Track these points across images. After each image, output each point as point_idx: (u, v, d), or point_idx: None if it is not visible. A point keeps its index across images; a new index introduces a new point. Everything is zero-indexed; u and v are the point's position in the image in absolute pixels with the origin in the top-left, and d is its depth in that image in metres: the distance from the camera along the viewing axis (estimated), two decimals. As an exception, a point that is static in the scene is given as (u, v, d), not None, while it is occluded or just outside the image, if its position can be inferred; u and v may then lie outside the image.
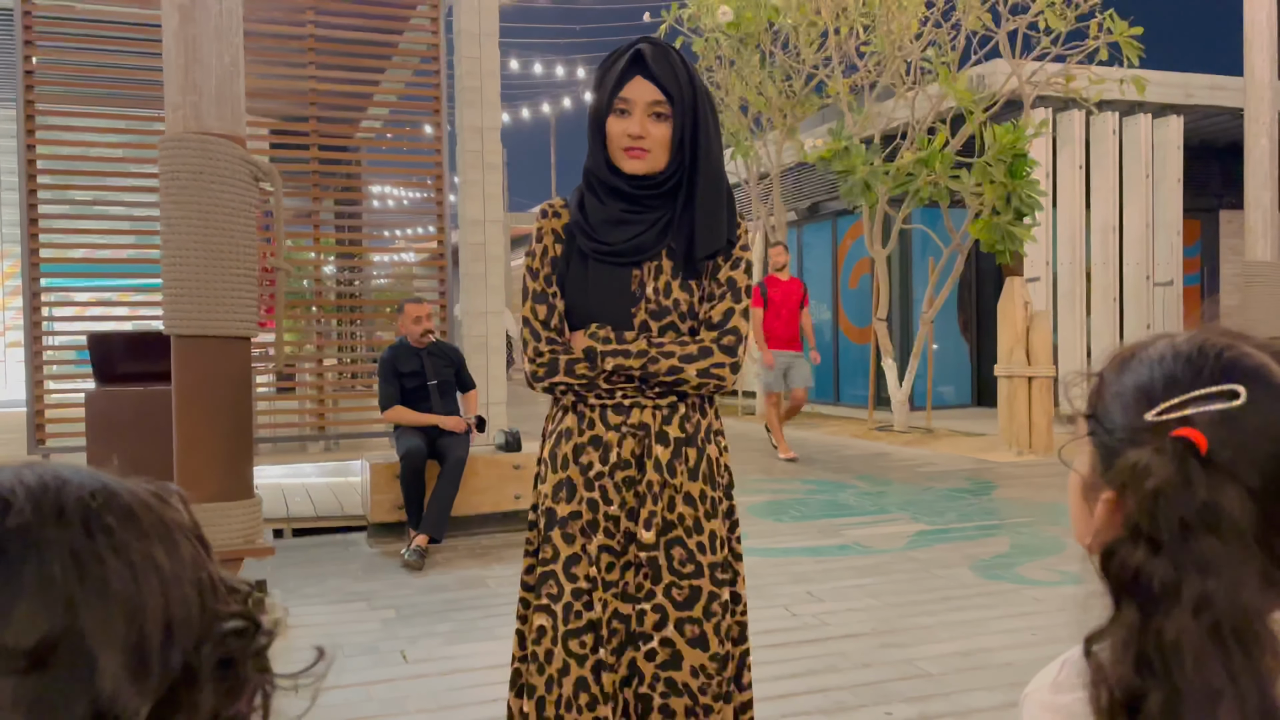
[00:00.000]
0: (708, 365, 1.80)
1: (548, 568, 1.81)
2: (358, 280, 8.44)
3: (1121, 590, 0.67)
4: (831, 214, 12.64)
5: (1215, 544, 0.65)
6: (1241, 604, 0.64)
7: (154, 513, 0.57)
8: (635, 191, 1.82)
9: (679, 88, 1.78)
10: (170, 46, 3.53)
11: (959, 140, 8.74)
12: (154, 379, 4.64)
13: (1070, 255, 10.10)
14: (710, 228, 1.82)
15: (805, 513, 5.76)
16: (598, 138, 1.82)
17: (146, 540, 0.55)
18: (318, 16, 6.79)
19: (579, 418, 1.83)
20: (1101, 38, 8.51)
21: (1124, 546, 0.67)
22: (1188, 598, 0.64)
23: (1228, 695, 0.63)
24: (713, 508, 1.82)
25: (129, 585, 0.52)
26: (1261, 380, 0.70)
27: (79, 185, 6.83)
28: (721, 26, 10.51)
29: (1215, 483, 0.66)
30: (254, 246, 3.70)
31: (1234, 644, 0.63)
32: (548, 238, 1.87)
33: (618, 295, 1.83)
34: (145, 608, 0.52)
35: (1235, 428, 0.68)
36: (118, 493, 0.56)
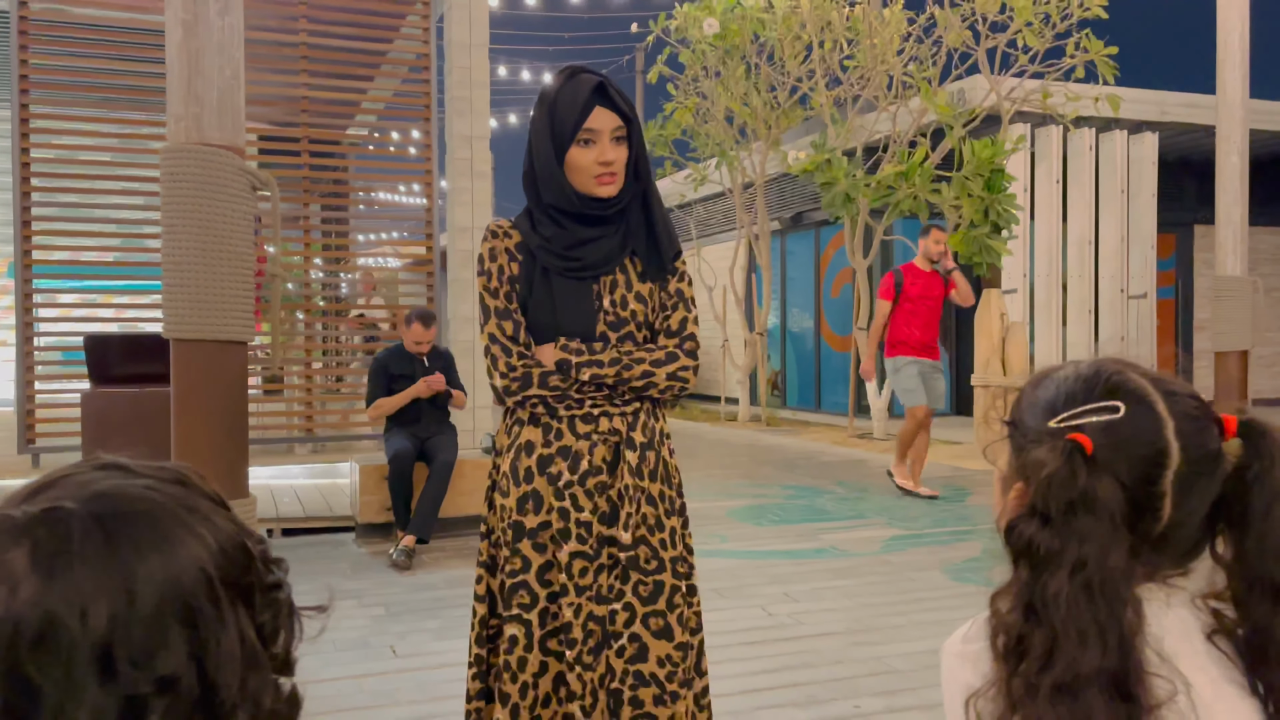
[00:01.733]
0: (675, 369, 1.92)
1: (517, 579, 1.87)
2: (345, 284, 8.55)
3: (1018, 556, 0.85)
4: (814, 224, 12.82)
5: (1090, 521, 0.82)
6: (1108, 567, 0.81)
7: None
8: (596, 212, 1.90)
9: (631, 112, 1.89)
10: (173, 59, 3.64)
11: (939, 154, 8.92)
12: (148, 380, 4.75)
13: (1047, 268, 10.31)
14: (669, 236, 1.97)
15: (784, 517, 5.91)
16: (559, 168, 1.87)
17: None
18: (310, 25, 6.90)
19: (544, 430, 1.90)
20: (1078, 56, 8.72)
21: (1022, 522, 0.85)
22: (1066, 561, 0.82)
23: (1093, 636, 0.80)
24: (670, 505, 1.94)
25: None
26: (1139, 399, 0.88)
27: (71, 189, 6.91)
28: (708, 38, 10.67)
29: (1095, 475, 0.84)
30: (251, 254, 3.82)
31: (1100, 597, 0.81)
32: (502, 257, 1.93)
33: (582, 307, 1.91)
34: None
35: (1114, 434, 0.87)
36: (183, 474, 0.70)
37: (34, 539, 0.62)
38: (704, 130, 11.41)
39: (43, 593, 0.60)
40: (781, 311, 13.65)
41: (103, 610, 0.61)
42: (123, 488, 0.66)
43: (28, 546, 0.62)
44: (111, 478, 0.67)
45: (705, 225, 14.50)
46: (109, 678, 0.60)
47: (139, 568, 0.62)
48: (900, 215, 9.19)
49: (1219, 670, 0.85)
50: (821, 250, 12.92)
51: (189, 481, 0.71)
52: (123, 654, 0.61)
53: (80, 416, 4.71)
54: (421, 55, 7.27)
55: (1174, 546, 0.88)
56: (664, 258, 1.95)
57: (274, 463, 7.43)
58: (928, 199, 8.64)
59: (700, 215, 14.50)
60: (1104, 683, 0.80)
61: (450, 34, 7.14)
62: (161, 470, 0.70)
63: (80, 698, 0.60)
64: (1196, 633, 0.87)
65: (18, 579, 0.61)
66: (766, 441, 10.09)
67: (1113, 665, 0.80)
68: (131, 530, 0.64)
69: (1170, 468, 0.86)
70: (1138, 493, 0.85)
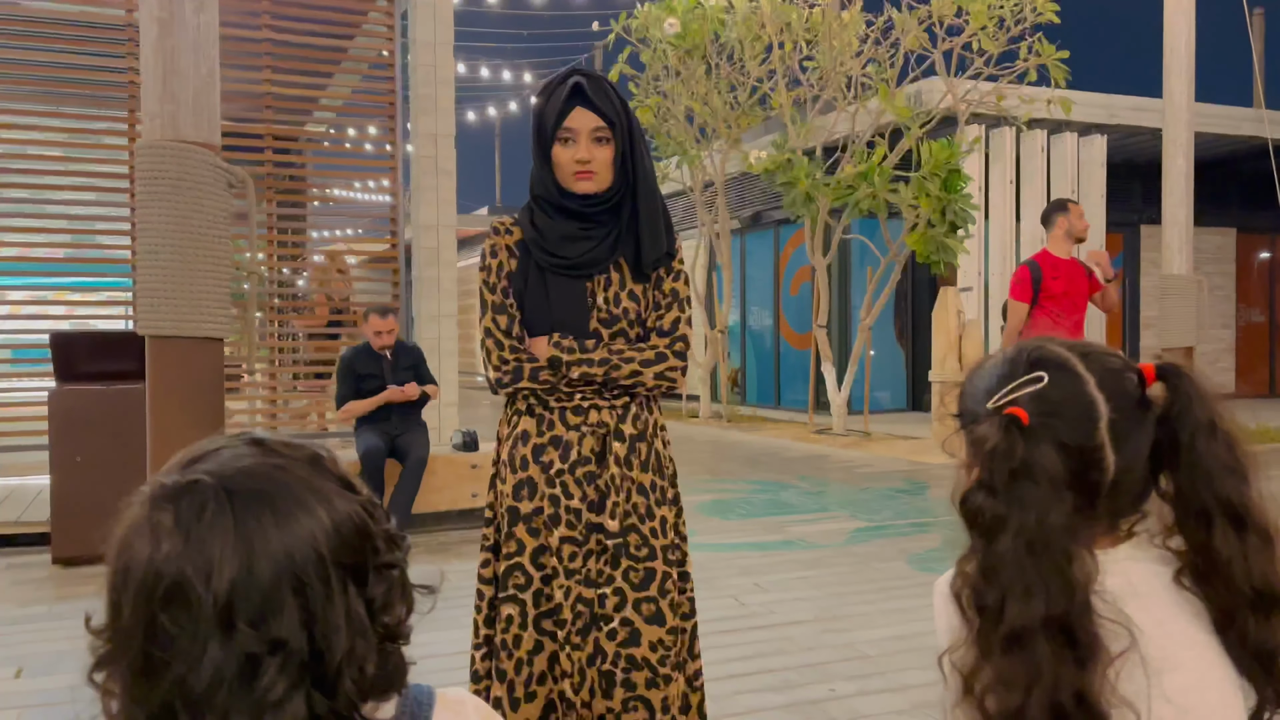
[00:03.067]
0: (663, 369, 2.00)
1: (513, 561, 1.96)
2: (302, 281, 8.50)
3: (971, 525, 0.95)
4: (774, 223, 12.97)
5: (1030, 486, 0.92)
6: (1048, 526, 0.91)
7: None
8: (585, 209, 1.99)
9: (616, 113, 1.96)
10: (148, 57, 3.64)
11: (896, 155, 9.09)
12: (117, 378, 4.72)
13: (1001, 266, 10.53)
14: (653, 237, 2.02)
15: (750, 511, 6.01)
16: (545, 165, 1.99)
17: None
18: (273, 20, 6.86)
19: (538, 420, 1.99)
20: (1031, 60, 8.93)
21: (972, 494, 0.95)
22: (1011, 525, 0.91)
23: (1036, 590, 0.89)
24: (662, 495, 2.01)
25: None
26: (1058, 365, 0.99)
27: (21, 184, 6.80)
28: (668, 38, 10.76)
29: (1033, 444, 0.94)
30: (228, 251, 3.82)
31: (1042, 554, 0.90)
32: (501, 253, 2.03)
33: (575, 305, 1.99)
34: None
35: (1045, 401, 0.97)
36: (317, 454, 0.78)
37: (178, 506, 0.70)
38: (665, 129, 11.50)
39: (178, 553, 0.68)
40: (741, 309, 13.79)
41: (225, 575, 0.68)
42: (255, 468, 0.74)
43: (172, 511, 0.70)
44: (251, 456, 0.75)
45: (665, 223, 14.59)
46: (229, 635, 0.67)
47: (259, 542, 0.70)
48: (859, 215, 9.34)
49: (1186, 613, 0.95)
50: (781, 249, 13.08)
51: (320, 463, 0.78)
52: (242, 615, 0.68)
53: (47, 415, 4.66)
54: (386, 54, 7.26)
55: (1126, 492, 0.98)
56: (644, 260, 2.01)
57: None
58: (886, 198, 8.80)
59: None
60: (1051, 632, 0.89)
61: (414, 32, 7.15)
62: (298, 450, 0.78)
63: (204, 650, 0.67)
64: (1164, 580, 0.97)
65: (161, 538, 0.69)
66: (729, 438, 10.21)
67: (1058, 614, 0.88)
68: (256, 507, 0.71)
69: (1101, 419, 0.95)
70: (1081, 450, 0.95)
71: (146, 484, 0.74)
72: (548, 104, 1.96)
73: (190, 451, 0.76)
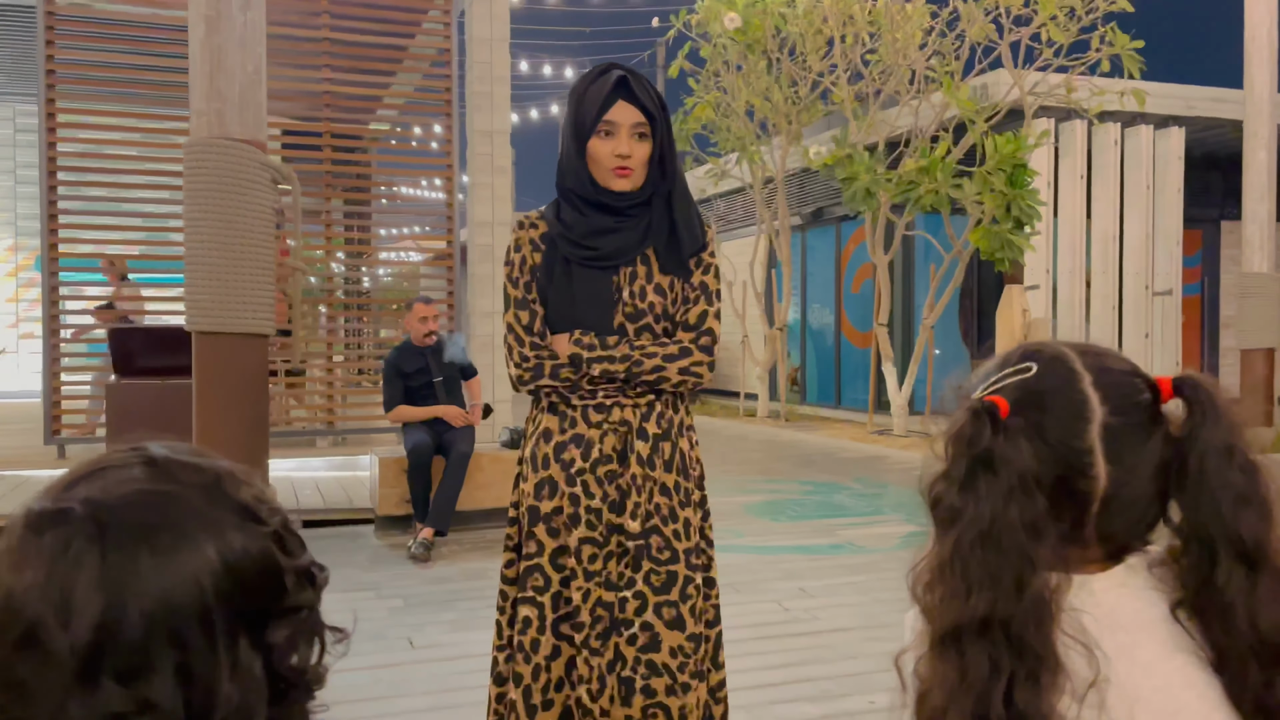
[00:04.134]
0: (688, 364, 1.94)
1: (532, 561, 1.93)
2: (367, 278, 8.60)
3: (931, 515, 0.87)
4: (835, 219, 12.77)
5: (990, 479, 0.83)
6: (1005, 523, 0.82)
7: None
8: (617, 205, 1.95)
9: (657, 110, 1.93)
10: (196, 55, 3.68)
11: (961, 149, 8.87)
12: (172, 373, 4.80)
13: (1070, 263, 10.22)
14: (689, 230, 1.98)
15: (801, 513, 5.91)
16: (580, 158, 1.94)
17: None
18: (333, 20, 6.95)
19: (560, 418, 1.95)
20: (1103, 50, 8.64)
21: (936, 483, 0.87)
22: (964, 516, 0.83)
23: (979, 587, 0.81)
24: (686, 497, 1.96)
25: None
26: (1052, 357, 0.90)
27: (97, 183, 6.99)
28: (729, 33, 10.65)
29: (1005, 435, 0.85)
30: (272, 247, 3.85)
31: (992, 552, 0.82)
32: (526, 248, 1.99)
33: (600, 298, 1.95)
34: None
35: (1029, 391, 0.88)
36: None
37: (43, 536, 0.62)
38: (725, 125, 11.39)
39: (38, 591, 0.60)
40: (802, 307, 13.62)
41: (86, 620, 0.59)
42: (138, 495, 0.65)
43: (37, 542, 0.62)
44: (138, 480, 0.66)
45: (725, 220, 14.48)
46: (91, 691, 0.59)
47: (130, 583, 0.61)
48: (921, 210, 9.14)
49: (1180, 649, 0.85)
50: (842, 245, 12.87)
51: (222, 489, 0.68)
52: (107, 669, 0.59)
53: (105, 408, 4.77)
54: (443, 51, 7.30)
55: (1123, 513, 0.88)
56: (682, 255, 1.97)
57: (297, 455, 7.50)
58: (949, 194, 8.59)
59: (720, 210, 14.48)
60: (990, 637, 0.80)
61: (471, 29, 7.17)
62: (198, 473, 0.68)
63: (62, 708, 0.58)
64: (1159, 611, 0.86)
65: (23, 571, 0.61)
66: (785, 437, 10.08)
67: (1001, 618, 0.80)
68: (131, 543, 0.62)
69: (1094, 421, 0.86)
70: (1066, 450, 0.86)
71: (22, 505, 0.65)
72: (587, 96, 1.93)
73: (76, 469, 0.68)
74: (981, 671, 0.80)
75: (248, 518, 0.68)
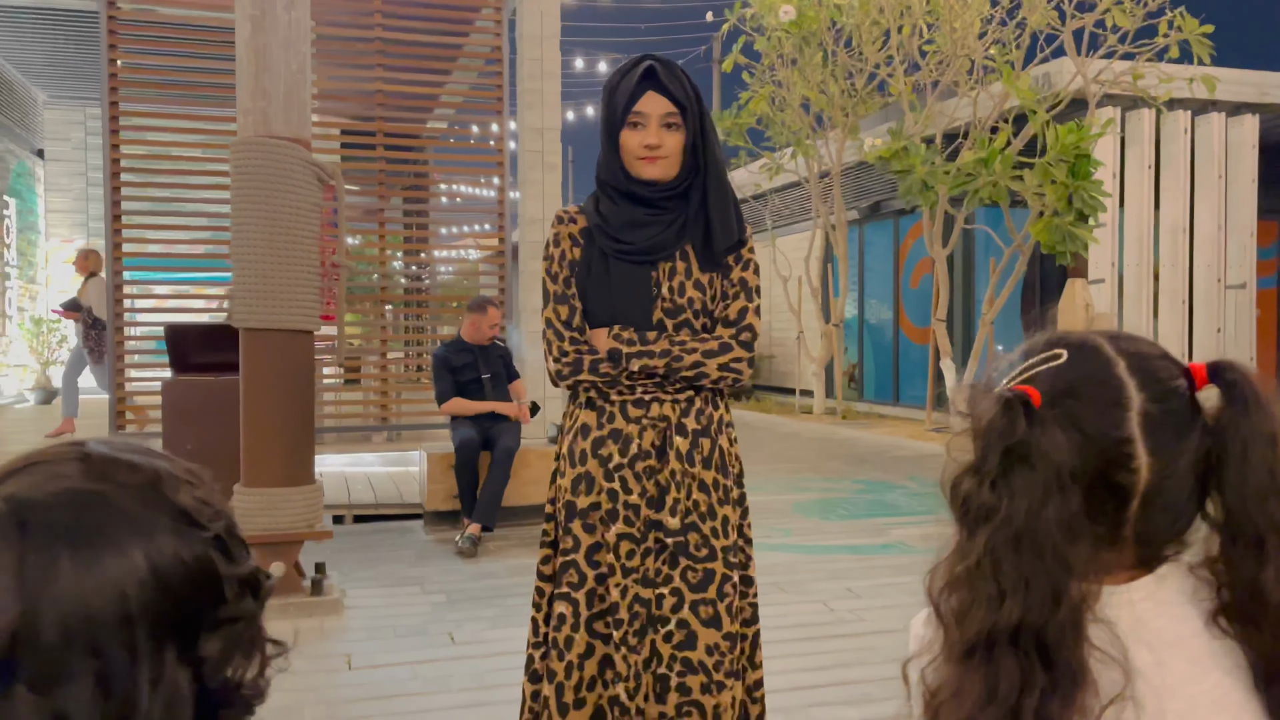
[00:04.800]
0: (728, 360, 1.92)
1: (568, 557, 1.92)
2: (425, 276, 8.67)
3: (957, 513, 0.81)
4: (893, 213, 12.56)
5: (1028, 474, 0.77)
6: (1043, 522, 0.76)
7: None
8: (652, 196, 1.93)
9: (687, 99, 1.90)
10: (242, 54, 3.73)
11: (1021, 140, 8.65)
12: (225, 369, 4.88)
13: (1137, 257, 9.91)
14: (724, 224, 1.95)
15: (852, 511, 5.81)
16: (612, 150, 1.94)
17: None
18: (385, 20, 7.01)
19: (598, 413, 1.94)
20: (1171, 35, 8.36)
21: (963, 478, 0.81)
22: (997, 515, 0.77)
23: (1012, 592, 0.75)
24: (724, 494, 1.94)
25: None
26: (1081, 345, 0.85)
27: (159, 183, 7.15)
28: (784, 25, 10.53)
29: (1038, 426, 0.79)
30: (317, 244, 3.89)
31: (1029, 554, 0.75)
32: (565, 242, 1.98)
33: (638, 293, 1.94)
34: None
35: (1062, 379, 0.82)
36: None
37: None
38: (780, 118, 11.27)
39: None
40: (859, 302, 13.43)
41: (1, 623, 0.56)
42: (66, 494, 0.62)
43: None
44: (70, 477, 0.63)
45: (781, 215, 14.34)
46: (1, 697, 0.56)
47: (47, 588, 0.58)
48: (980, 203, 8.93)
49: (1219, 666, 0.78)
50: (901, 240, 12.67)
51: (159, 490, 0.65)
52: (20, 677, 0.56)
53: (160, 404, 4.87)
54: (494, 49, 7.33)
55: (1163, 510, 0.81)
56: (715, 248, 1.94)
57: (352, 450, 7.60)
58: (1009, 186, 8.38)
59: (776, 205, 14.34)
60: (1022, 646, 0.74)
61: (521, 26, 7.18)
62: (135, 472, 0.65)
63: None
64: (1194, 625, 0.80)
65: None
66: (840, 435, 9.95)
67: (1034, 626, 0.74)
68: (53, 545, 0.59)
69: (1132, 409, 0.80)
70: (1104, 441, 0.80)
71: None
72: (618, 88, 1.92)
73: (10, 463, 0.64)
74: (1013, 684, 0.75)
75: (185, 521, 0.64)
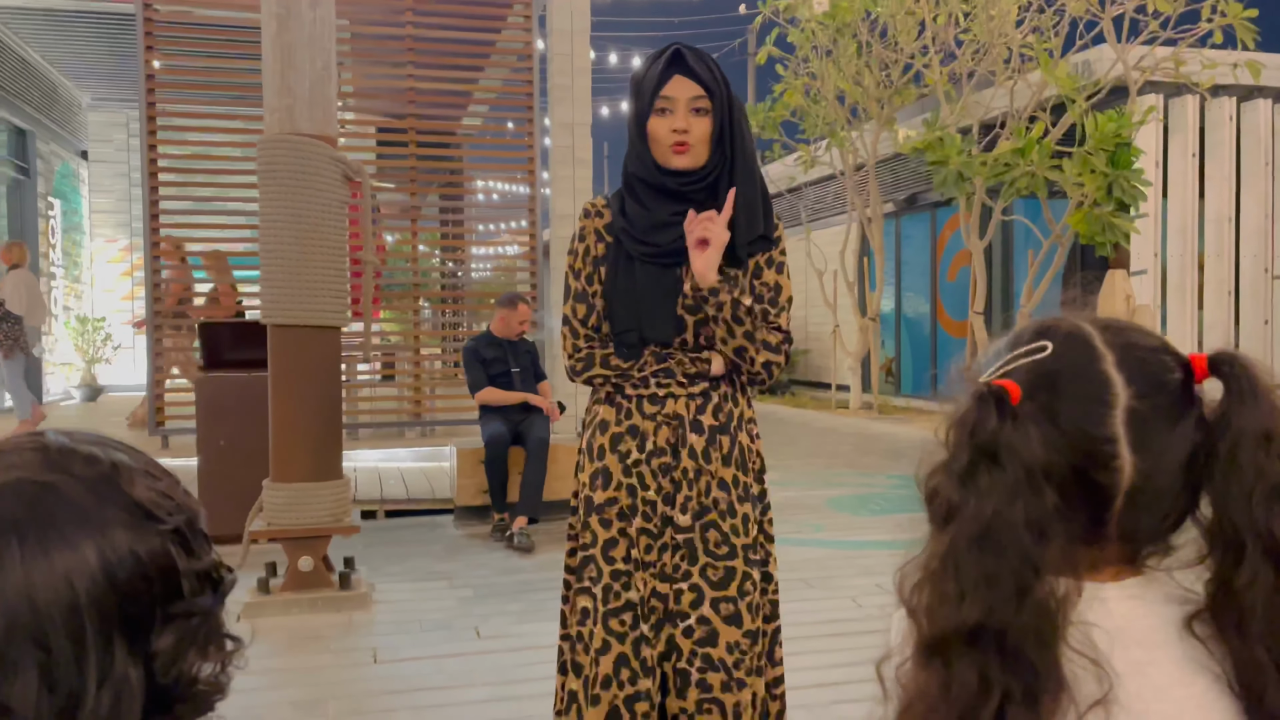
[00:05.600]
0: (769, 359, 1.92)
1: (588, 552, 1.93)
2: (460, 272, 8.71)
3: (928, 510, 0.78)
4: (930, 205, 12.42)
5: (996, 472, 0.74)
6: (1008, 522, 0.72)
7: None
8: (680, 188, 1.89)
9: (716, 84, 1.87)
10: (268, 53, 3.75)
11: (1060, 129, 8.50)
12: (258, 366, 4.93)
13: (1181, 247, 9.70)
14: (750, 218, 1.90)
15: (886, 507, 5.74)
16: (641, 140, 1.90)
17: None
18: (416, 18, 7.04)
19: (616, 409, 1.94)
20: (1215, 20, 8.16)
21: (934, 474, 0.78)
22: (963, 513, 0.74)
23: (972, 593, 0.72)
24: (745, 492, 1.92)
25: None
26: (1069, 335, 0.80)
27: (196, 183, 7.25)
28: (818, 17, 10.43)
29: (1014, 423, 0.75)
30: (344, 241, 3.91)
31: (990, 553, 0.72)
32: (590, 237, 1.96)
33: (665, 295, 1.91)
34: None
35: (1044, 373, 0.78)
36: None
37: None
38: (814, 111, 11.17)
39: None
40: (896, 296, 13.29)
41: None
42: (17, 485, 0.61)
43: None
44: (24, 468, 0.62)
45: (816, 209, 14.23)
46: None
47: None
48: (1017, 194, 8.79)
49: (1195, 671, 0.75)
50: (938, 232, 12.52)
51: (115, 482, 0.64)
52: None
53: (194, 400, 4.93)
54: (526, 45, 7.33)
55: (1149, 509, 0.77)
56: (738, 243, 1.89)
57: (386, 446, 7.66)
58: (1047, 176, 8.24)
59: (811, 198, 14.23)
60: (981, 648, 0.71)
61: (552, 21, 7.18)
62: (91, 464, 0.64)
63: None
64: (1173, 627, 0.76)
65: None
66: (876, 430, 9.86)
67: (995, 628, 0.71)
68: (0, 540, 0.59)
69: (1116, 406, 0.76)
70: (1084, 439, 0.76)
71: None
72: (646, 74, 1.90)
73: None
74: (968, 687, 0.72)
75: (141, 515, 0.64)
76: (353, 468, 6.22)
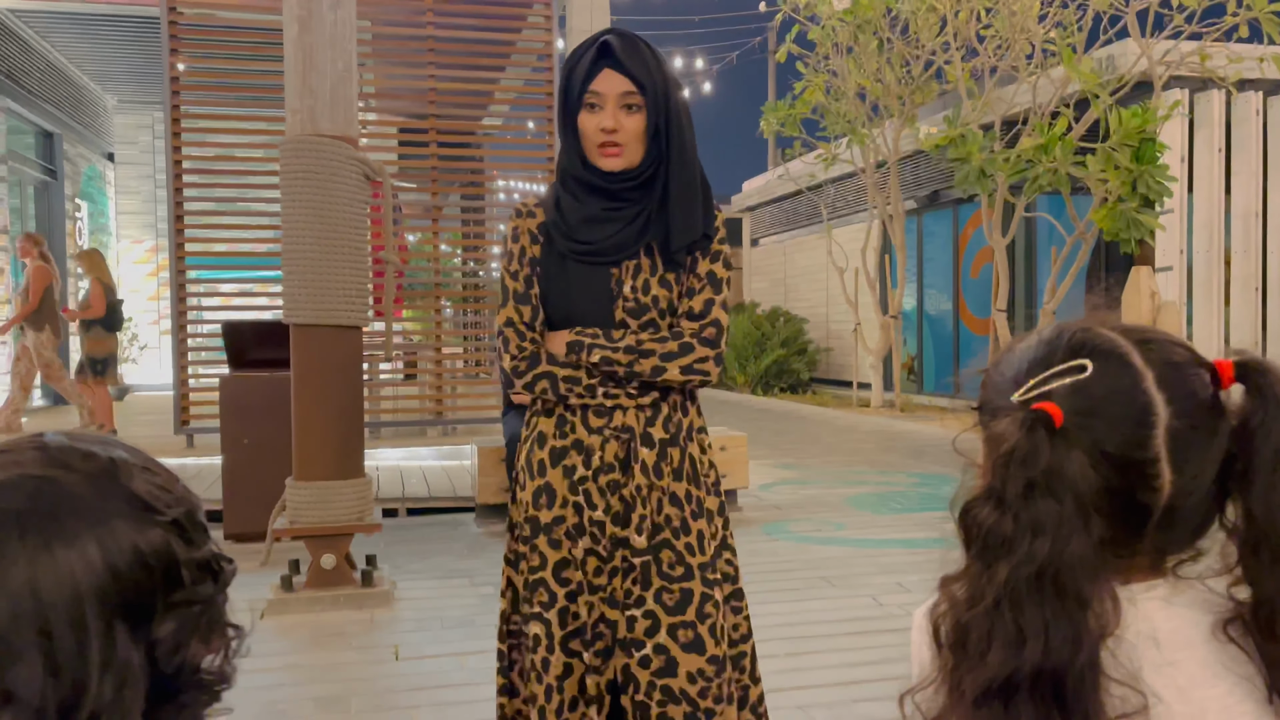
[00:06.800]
0: (690, 361, 1.77)
1: (536, 575, 1.79)
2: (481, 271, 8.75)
3: (970, 542, 0.75)
4: (952, 202, 12.35)
5: (1051, 505, 0.72)
6: (1065, 557, 0.71)
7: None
8: (612, 187, 1.78)
9: (649, 77, 1.74)
10: (290, 54, 3.79)
11: (1084, 125, 8.43)
12: (280, 365, 4.97)
13: (1207, 243, 9.60)
14: (686, 220, 1.78)
15: (906, 505, 5.72)
16: (570, 135, 1.78)
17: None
18: (436, 18, 7.08)
19: (559, 421, 1.81)
20: (1240, 14, 8.07)
21: (978, 505, 0.75)
22: (1018, 551, 0.72)
23: (1033, 636, 0.70)
24: (699, 507, 1.80)
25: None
26: (1107, 354, 0.78)
27: (220, 184, 7.32)
28: (838, 13, 10.40)
29: (1062, 450, 0.74)
30: (365, 241, 3.94)
31: (1050, 592, 0.71)
32: (524, 238, 1.83)
33: (599, 295, 1.79)
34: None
35: (1086, 397, 0.77)
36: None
37: None
38: (835, 108, 11.13)
39: None
40: (918, 293, 13.23)
41: None
42: (19, 482, 0.63)
43: None
44: (25, 465, 0.64)
45: (837, 206, 14.19)
46: None
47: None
48: (1040, 191, 8.72)
49: (1229, 675, 0.74)
50: (960, 229, 12.45)
51: (114, 478, 0.66)
52: None
53: (218, 399, 4.98)
54: (546, 44, 7.36)
55: (1182, 522, 0.77)
56: (672, 243, 1.78)
57: (408, 445, 7.71)
58: (1070, 172, 8.18)
59: (831, 196, 14.19)
60: (1040, 690, 0.70)
61: (572, 21, 7.18)
62: (90, 461, 0.66)
63: None
64: (1202, 631, 0.76)
65: None
66: (897, 428, 9.82)
67: (1053, 669, 0.70)
68: (3, 529, 0.61)
69: (1158, 426, 0.75)
70: (1126, 463, 0.75)
71: None
72: (575, 67, 1.76)
73: None
74: None
75: (140, 507, 0.66)
76: (375, 466, 6.26)
